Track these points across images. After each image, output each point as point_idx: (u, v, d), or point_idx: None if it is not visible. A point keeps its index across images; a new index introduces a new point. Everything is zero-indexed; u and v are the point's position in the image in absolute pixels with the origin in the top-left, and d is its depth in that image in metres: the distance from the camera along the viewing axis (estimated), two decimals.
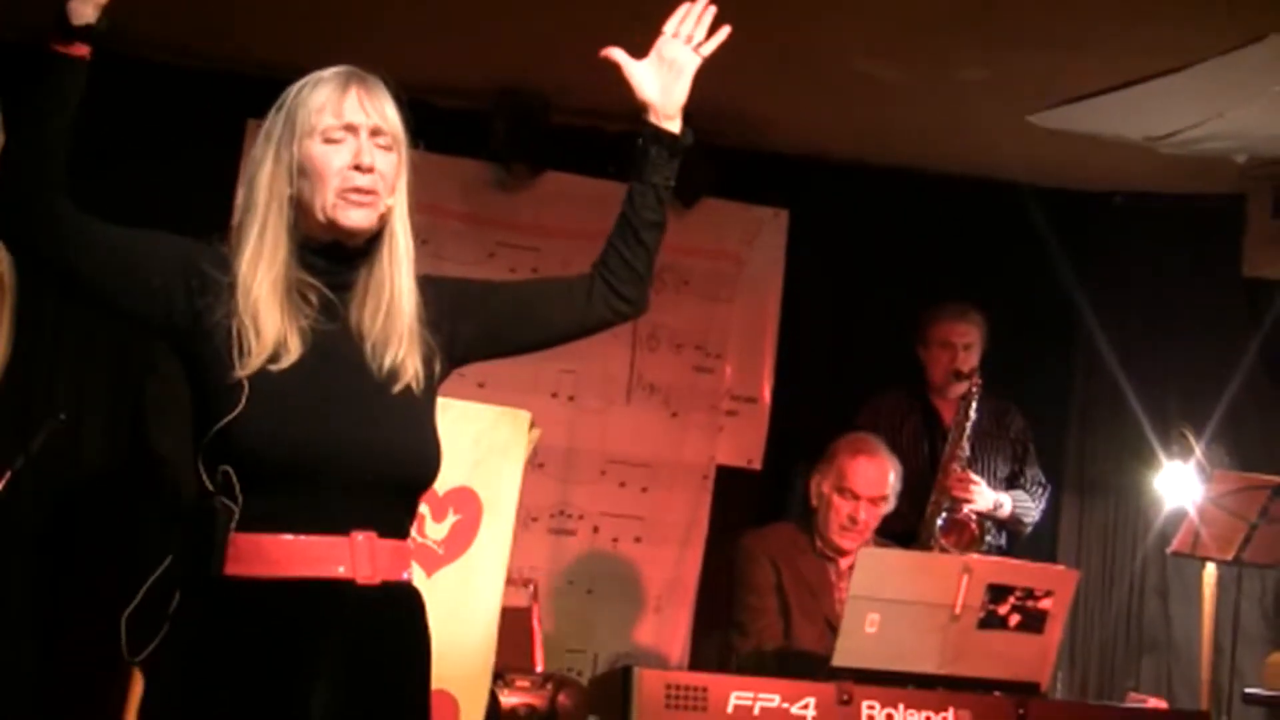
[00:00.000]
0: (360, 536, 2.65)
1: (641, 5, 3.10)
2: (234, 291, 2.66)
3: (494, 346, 2.92)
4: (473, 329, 2.86)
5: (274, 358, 2.63)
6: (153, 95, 5.91)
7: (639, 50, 2.96)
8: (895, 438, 5.89)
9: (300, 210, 2.71)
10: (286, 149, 2.70)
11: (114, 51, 2.82)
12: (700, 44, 2.95)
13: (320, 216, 2.69)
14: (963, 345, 6.07)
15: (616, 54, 2.96)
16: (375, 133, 2.72)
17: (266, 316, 2.63)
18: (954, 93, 5.70)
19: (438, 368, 2.79)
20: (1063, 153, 6.25)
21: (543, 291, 3.02)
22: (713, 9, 2.95)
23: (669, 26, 2.95)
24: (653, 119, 2.96)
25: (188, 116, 5.98)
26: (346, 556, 2.64)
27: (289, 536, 2.62)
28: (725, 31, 2.94)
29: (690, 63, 2.94)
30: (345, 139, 2.70)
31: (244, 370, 2.61)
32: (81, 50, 2.64)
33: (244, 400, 2.60)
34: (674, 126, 2.96)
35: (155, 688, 2.75)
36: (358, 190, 2.68)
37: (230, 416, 2.59)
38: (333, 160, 2.69)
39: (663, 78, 2.95)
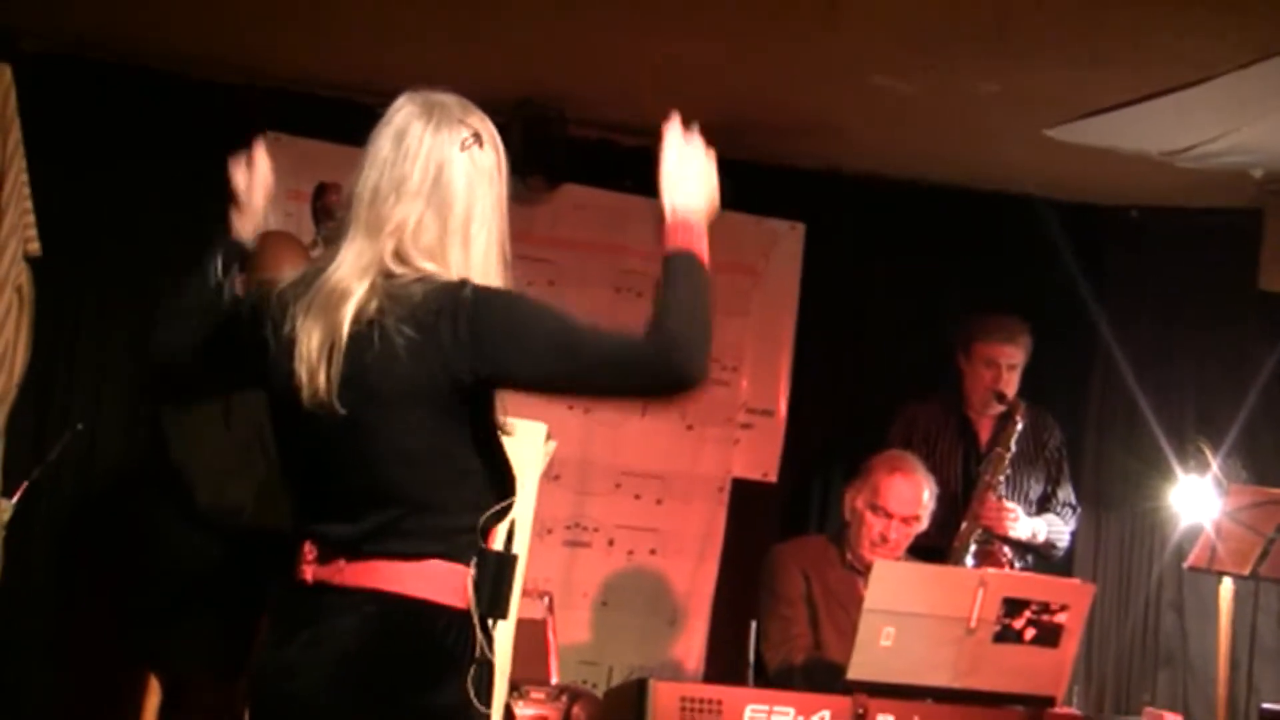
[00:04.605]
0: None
1: (655, 20, 3.11)
2: None
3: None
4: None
5: None
6: (172, 104, 5.93)
7: (655, 64, 2.97)
8: (929, 452, 5.84)
9: None
10: None
11: (130, 63, 2.87)
12: None
13: None
14: (1007, 366, 5.93)
15: None
16: None
17: None
18: (970, 107, 5.70)
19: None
20: (1079, 167, 6.25)
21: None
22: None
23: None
24: None
25: (206, 126, 6.00)
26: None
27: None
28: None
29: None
30: None
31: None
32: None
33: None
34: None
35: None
36: None
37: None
38: None
39: None
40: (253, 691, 2.81)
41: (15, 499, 4.78)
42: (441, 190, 2.74)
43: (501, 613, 2.82)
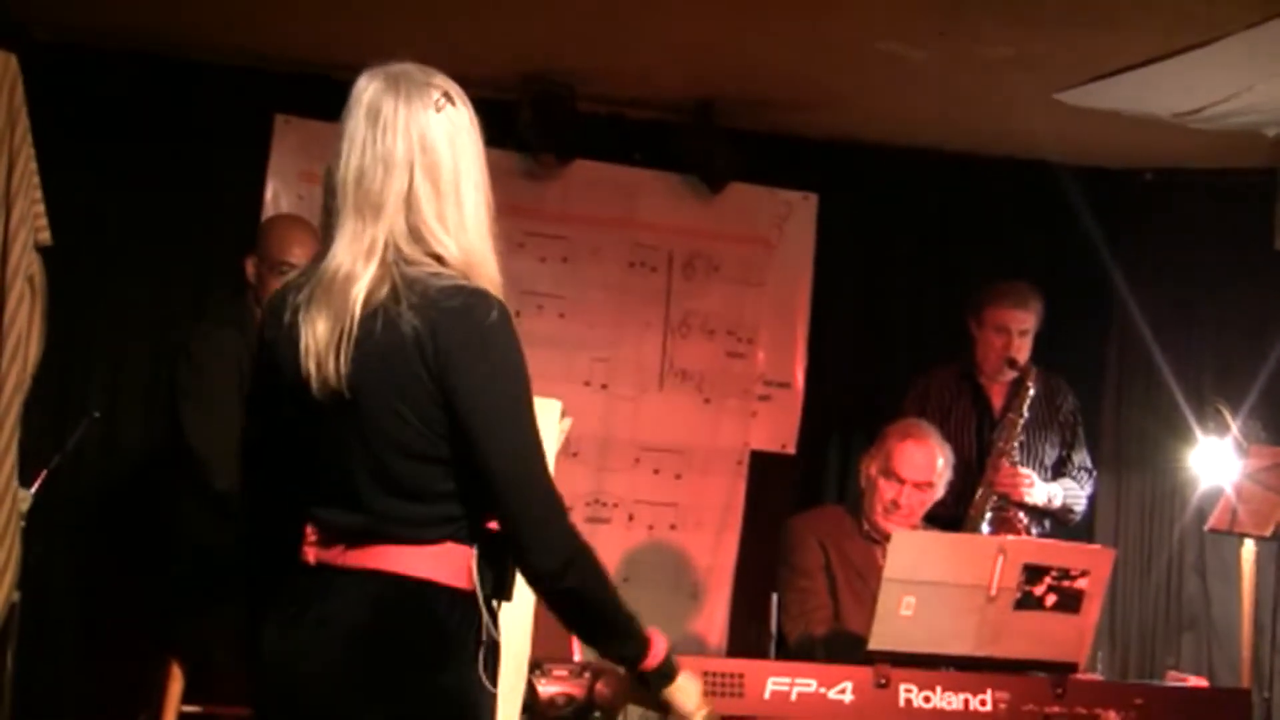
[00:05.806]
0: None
1: None
2: None
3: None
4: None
5: None
6: (182, 90, 5.93)
7: (664, 37, 2.96)
8: (943, 420, 5.82)
9: None
10: None
11: (140, 51, 2.85)
12: None
13: None
14: (1019, 331, 5.90)
15: None
16: None
17: None
18: (982, 72, 5.68)
19: None
20: (1092, 130, 6.23)
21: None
22: None
23: None
24: None
25: (216, 111, 6.00)
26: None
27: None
28: None
29: None
30: None
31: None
32: None
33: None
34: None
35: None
36: None
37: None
38: None
39: None
40: (259, 673, 2.79)
41: (34, 488, 4.79)
42: (429, 154, 2.71)
43: (506, 594, 2.82)
